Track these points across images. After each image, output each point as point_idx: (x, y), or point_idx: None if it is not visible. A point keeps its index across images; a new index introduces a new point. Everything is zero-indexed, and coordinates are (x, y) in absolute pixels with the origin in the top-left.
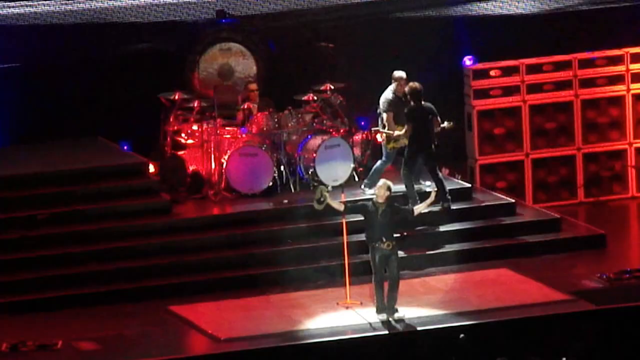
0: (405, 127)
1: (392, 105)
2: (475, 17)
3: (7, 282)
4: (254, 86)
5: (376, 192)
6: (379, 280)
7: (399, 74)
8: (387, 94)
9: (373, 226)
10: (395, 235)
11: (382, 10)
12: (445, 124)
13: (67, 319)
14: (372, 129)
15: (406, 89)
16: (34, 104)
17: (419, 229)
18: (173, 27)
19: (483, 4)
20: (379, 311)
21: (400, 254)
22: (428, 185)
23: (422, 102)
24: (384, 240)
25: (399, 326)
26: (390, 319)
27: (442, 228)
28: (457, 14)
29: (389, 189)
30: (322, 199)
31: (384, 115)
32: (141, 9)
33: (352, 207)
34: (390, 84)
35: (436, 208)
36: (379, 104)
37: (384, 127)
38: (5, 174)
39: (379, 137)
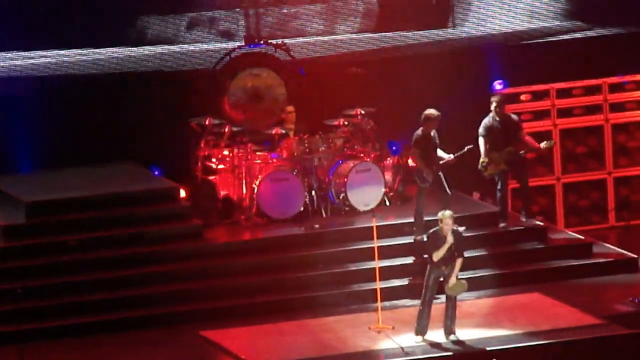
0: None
1: (486, 129)
2: (506, 41)
3: (38, 307)
4: (291, 108)
5: (442, 225)
6: (427, 300)
7: (497, 96)
8: (486, 119)
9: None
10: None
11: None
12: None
13: (99, 345)
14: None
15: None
16: (64, 128)
17: None
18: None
19: None
20: (417, 332)
21: None
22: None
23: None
24: (444, 267)
25: (431, 350)
26: (446, 338)
27: (474, 253)
28: (487, 40)
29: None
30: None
31: (480, 140)
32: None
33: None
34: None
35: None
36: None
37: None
38: (36, 199)
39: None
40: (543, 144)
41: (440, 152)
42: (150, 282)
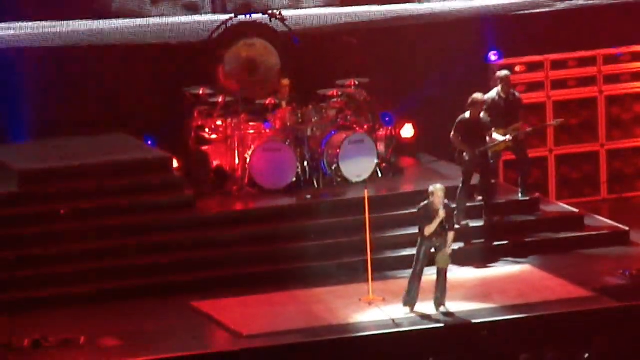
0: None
1: (489, 104)
2: (501, 12)
3: (29, 276)
4: (286, 81)
5: (433, 198)
6: (417, 272)
7: (504, 72)
8: (491, 93)
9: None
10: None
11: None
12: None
13: (89, 315)
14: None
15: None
16: (58, 98)
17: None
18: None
19: None
20: (405, 303)
21: None
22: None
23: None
24: (435, 239)
25: (421, 322)
26: (436, 310)
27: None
28: (482, 10)
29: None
30: None
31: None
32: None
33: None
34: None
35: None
36: None
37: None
38: (28, 168)
39: None
40: (554, 122)
41: (495, 135)
42: (142, 251)
